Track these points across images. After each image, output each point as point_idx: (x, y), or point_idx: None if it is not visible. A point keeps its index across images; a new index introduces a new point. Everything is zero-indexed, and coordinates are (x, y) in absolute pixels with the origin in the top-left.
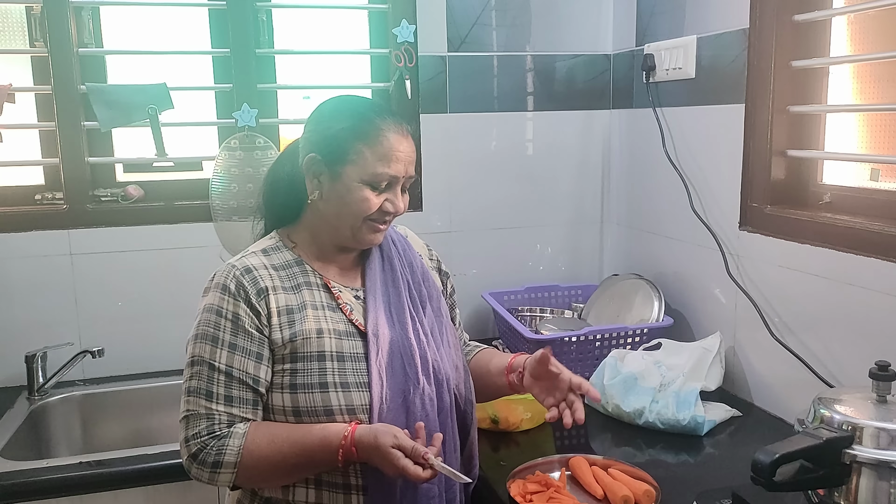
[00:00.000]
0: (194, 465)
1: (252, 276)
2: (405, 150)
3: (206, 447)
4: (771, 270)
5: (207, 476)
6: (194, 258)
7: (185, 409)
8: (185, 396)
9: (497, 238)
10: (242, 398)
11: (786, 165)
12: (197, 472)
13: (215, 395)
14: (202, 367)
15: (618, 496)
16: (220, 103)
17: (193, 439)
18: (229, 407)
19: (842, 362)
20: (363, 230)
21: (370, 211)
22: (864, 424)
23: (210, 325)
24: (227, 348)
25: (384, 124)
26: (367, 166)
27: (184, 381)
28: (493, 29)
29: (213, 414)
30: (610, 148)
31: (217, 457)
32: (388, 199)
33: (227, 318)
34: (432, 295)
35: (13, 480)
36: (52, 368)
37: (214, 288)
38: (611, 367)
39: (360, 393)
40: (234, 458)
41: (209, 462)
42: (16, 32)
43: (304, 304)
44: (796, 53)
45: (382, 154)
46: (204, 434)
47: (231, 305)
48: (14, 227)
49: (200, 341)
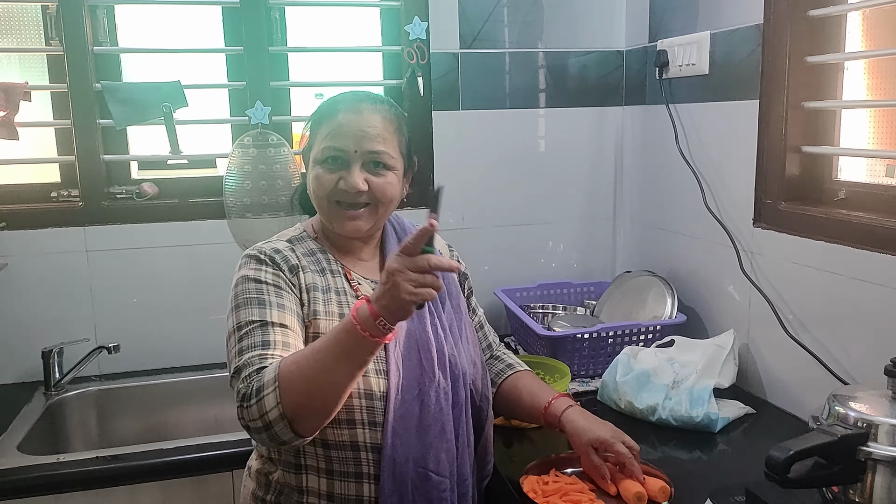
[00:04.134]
0: (243, 407)
1: (282, 255)
2: (354, 124)
3: (249, 382)
4: (785, 267)
5: (255, 409)
6: (208, 255)
7: (235, 366)
8: (238, 355)
9: (509, 235)
10: (294, 344)
11: (800, 162)
12: (246, 413)
13: (272, 343)
14: (254, 327)
15: (631, 493)
16: (233, 101)
17: (242, 382)
18: (285, 350)
19: (856, 359)
20: (334, 215)
21: (324, 190)
22: (880, 421)
23: (253, 293)
24: (277, 308)
25: (340, 106)
26: (318, 145)
27: (231, 347)
28: (505, 25)
29: (266, 357)
30: (623, 145)
31: (258, 384)
32: (342, 177)
33: (269, 284)
34: (451, 291)
35: (30, 475)
36: (69, 364)
37: (245, 265)
38: (623, 364)
39: (379, 379)
40: (272, 374)
41: (251, 394)
42: (31, 31)
43: (328, 287)
44: (811, 49)
45: (329, 132)
46: (250, 374)
47: (270, 275)
48: (30, 225)
49: (245, 307)
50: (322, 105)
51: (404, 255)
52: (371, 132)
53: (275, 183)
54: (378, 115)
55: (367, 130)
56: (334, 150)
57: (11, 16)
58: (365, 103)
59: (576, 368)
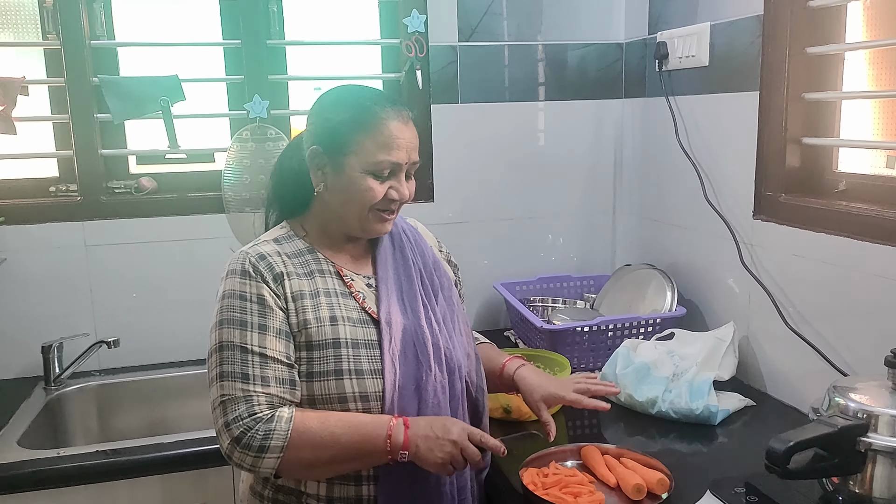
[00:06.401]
0: (237, 448)
1: (267, 262)
2: (406, 137)
3: (250, 430)
4: (785, 259)
5: (251, 461)
6: (207, 249)
7: (220, 395)
8: (219, 382)
9: (509, 228)
10: (279, 378)
11: (800, 153)
12: (239, 457)
13: (252, 378)
14: (233, 352)
15: (630, 484)
16: (231, 95)
17: (235, 422)
18: (267, 388)
19: (856, 351)
20: (370, 220)
21: (375, 200)
22: (880, 412)
23: (235, 310)
24: (258, 330)
25: (384, 113)
26: (369, 156)
27: (212, 368)
28: (503, 18)
29: (252, 395)
30: (622, 137)
31: (263, 441)
32: (393, 187)
33: (252, 301)
34: (444, 284)
35: (31, 469)
36: (69, 359)
37: (231, 274)
38: (623, 357)
39: (374, 380)
40: (281, 441)
41: (254, 446)
42: (29, 25)
43: (317, 291)
44: (811, 40)
45: (383, 143)
46: (245, 416)
47: (254, 288)
48: (29, 219)
49: (227, 326)
50: (349, 106)
51: (468, 433)
52: (415, 143)
53: None
54: (413, 124)
55: (414, 142)
56: (392, 164)
57: (8, 9)
58: (404, 112)
59: (576, 362)
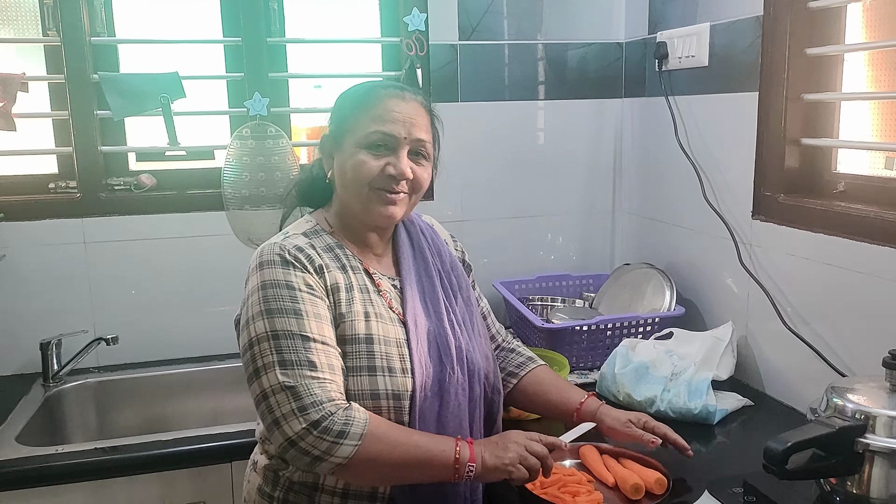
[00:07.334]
0: (313, 433)
1: (306, 254)
2: (403, 111)
3: (331, 414)
4: (784, 260)
5: (326, 446)
6: (206, 247)
7: (280, 381)
8: (279, 369)
9: (508, 227)
10: (338, 366)
11: (800, 154)
12: (313, 441)
13: (319, 365)
14: (292, 340)
15: (628, 484)
16: (231, 92)
17: (314, 406)
18: (334, 375)
19: (855, 352)
20: (372, 200)
21: (371, 175)
22: (878, 413)
23: (285, 300)
24: (314, 319)
25: (384, 92)
26: (363, 129)
27: (262, 357)
28: (504, 17)
29: (325, 382)
30: (622, 137)
31: (344, 426)
32: (390, 163)
33: (301, 290)
34: (462, 284)
35: (29, 466)
36: (67, 356)
37: (269, 265)
38: (622, 356)
39: (405, 378)
40: (360, 429)
41: (334, 430)
42: (29, 22)
43: (351, 286)
44: (811, 41)
45: (376, 115)
46: (325, 401)
47: (299, 278)
48: (28, 216)
49: (279, 315)
50: (356, 91)
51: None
52: (418, 120)
53: (273, 175)
54: (420, 105)
55: (415, 118)
56: (384, 134)
57: (8, 6)
58: (407, 91)
59: (574, 361)
